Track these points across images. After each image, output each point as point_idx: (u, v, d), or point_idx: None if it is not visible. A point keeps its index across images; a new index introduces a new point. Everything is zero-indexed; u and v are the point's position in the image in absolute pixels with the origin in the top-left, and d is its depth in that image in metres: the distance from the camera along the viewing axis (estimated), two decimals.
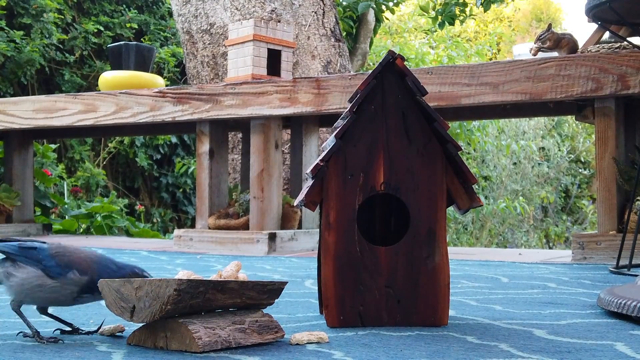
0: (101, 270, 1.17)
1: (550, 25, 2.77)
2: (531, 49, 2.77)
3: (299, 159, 3.23)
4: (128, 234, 4.94)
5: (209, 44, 4.37)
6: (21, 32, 5.69)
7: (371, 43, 6.40)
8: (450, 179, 1.31)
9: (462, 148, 4.75)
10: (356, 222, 1.29)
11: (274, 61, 3.18)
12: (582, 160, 8.91)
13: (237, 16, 4.26)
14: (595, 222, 4.38)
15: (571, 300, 1.61)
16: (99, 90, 3.63)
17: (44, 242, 1.19)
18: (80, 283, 1.16)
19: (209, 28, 4.37)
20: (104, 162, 6.39)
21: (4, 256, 1.19)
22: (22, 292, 1.15)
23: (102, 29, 6.32)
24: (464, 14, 6.09)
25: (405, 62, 1.30)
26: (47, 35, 5.92)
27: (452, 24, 6.04)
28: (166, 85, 4.73)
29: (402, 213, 1.33)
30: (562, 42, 2.71)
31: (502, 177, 7.99)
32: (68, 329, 1.23)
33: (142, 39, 6.53)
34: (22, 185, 3.94)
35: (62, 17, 6.20)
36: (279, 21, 4.14)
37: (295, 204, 1.37)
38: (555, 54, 2.73)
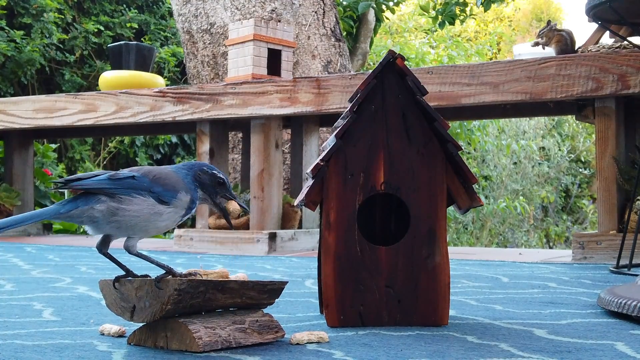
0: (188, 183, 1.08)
1: (549, 22, 2.78)
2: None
3: (299, 159, 3.23)
4: None
5: (209, 43, 4.37)
6: (21, 32, 5.70)
7: (371, 43, 6.40)
8: (451, 178, 1.31)
9: (462, 148, 4.75)
10: (356, 222, 1.29)
11: (274, 61, 3.18)
12: (583, 160, 8.90)
13: (238, 16, 4.26)
14: (596, 222, 4.38)
15: (571, 300, 1.61)
16: (99, 90, 3.63)
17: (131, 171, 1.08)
18: (186, 203, 1.08)
19: (209, 28, 4.37)
20: (105, 162, 6.39)
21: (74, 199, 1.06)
22: (137, 225, 1.06)
23: (102, 28, 6.32)
24: (464, 14, 6.09)
25: (406, 62, 1.30)
26: (47, 35, 5.92)
27: (452, 23, 6.04)
28: (166, 85, 4.73)
29: (402, 213, 1.33)
30: (554, 39, 2.72)
31: (502, 177, 7.99)
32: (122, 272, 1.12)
33: (142, 39, 6.53)
34: (23, 185, 3.94)
35: (62, 16, 6.20)
36: (279, 21, 4.14)
37: (295, 204, 1.37)
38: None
